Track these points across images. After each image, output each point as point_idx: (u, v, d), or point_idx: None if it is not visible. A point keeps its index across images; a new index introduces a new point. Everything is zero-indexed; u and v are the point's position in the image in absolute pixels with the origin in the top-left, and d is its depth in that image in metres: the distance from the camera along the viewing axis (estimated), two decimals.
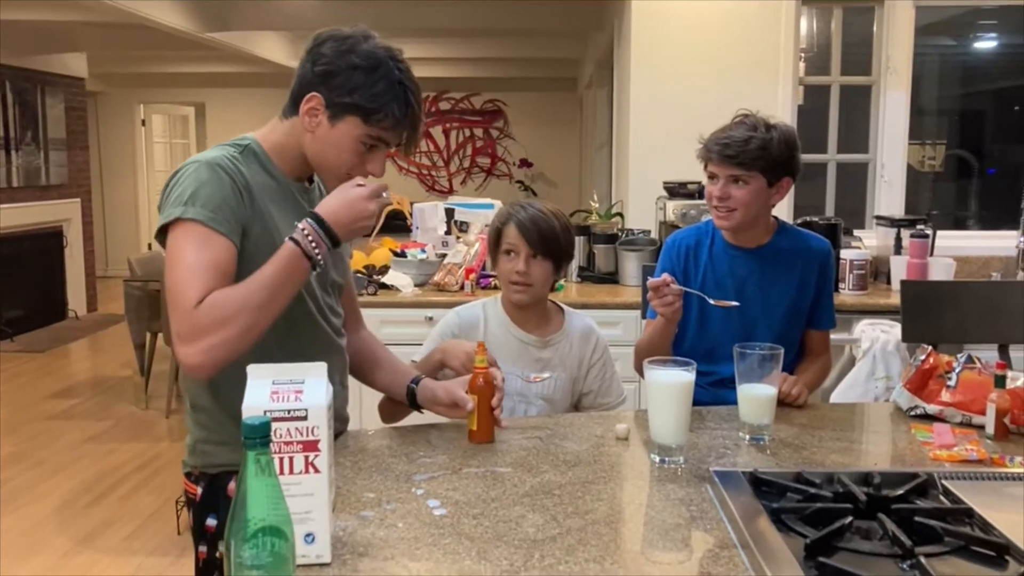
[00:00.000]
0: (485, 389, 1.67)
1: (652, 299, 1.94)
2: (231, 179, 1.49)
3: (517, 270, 2.00)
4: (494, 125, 11.37)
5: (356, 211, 1.45)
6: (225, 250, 1.45)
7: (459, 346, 1.88)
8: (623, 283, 3.74)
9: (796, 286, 2.15)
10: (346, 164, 1.54)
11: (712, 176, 2.10)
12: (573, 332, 2.11)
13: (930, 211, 4.26)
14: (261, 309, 1.42)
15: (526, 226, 2.01)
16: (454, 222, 3.88)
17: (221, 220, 1.45)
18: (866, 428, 1.79)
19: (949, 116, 6.97)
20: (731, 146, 2.03)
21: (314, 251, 1.43)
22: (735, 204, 2.06)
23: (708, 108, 3.95)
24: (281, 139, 1.59)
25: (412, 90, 1.53)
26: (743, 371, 1.71)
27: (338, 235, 1.45)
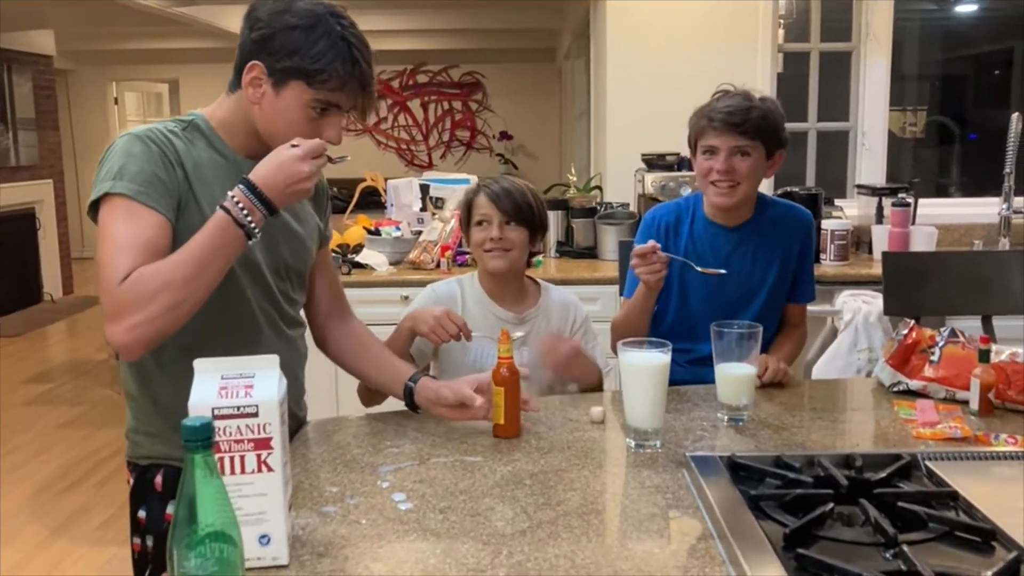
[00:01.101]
0: (510, 379, 1.58)
1: (638, 266, 1.89)
2: (160, 151, 1.41)
3: (491, 236, 1.95)
4: (473, 98, 11.23)
5: (289, 173, 1.35)
6: (155, 225, 1.38)
7: (427, 311, 1.82)
8: (602, 258, 3.68)
9: (779, 261, 2.10)
10: (297, 134, 1.42)
11: (710, 150, 2.01)
12: (551, 306, 2.06)
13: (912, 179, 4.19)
14: (187, 284, 1.32)
15: (497, 194, 1.97)
16: (429, 198, 3.80)
17: (151, 194, 1.38)
18: (848, 406, 1.74)
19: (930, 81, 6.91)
20: (736, 114, 1.95)
21: (246, 219, 1.34)
22: (740, 178, 1.99)
23: (687, 77, 3.90)
24: (228, 115, 1.51)
25: (357, 46, 1.43)
26: (721, 350, 1.66)
27: (273, 200, 1.36)
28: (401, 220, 3.76)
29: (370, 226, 3.72)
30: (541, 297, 2.07)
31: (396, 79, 11.12)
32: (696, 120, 2.03)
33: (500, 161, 11.00)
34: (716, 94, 2.04)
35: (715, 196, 2.04)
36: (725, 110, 1.96)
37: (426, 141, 11.31)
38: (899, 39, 4.30)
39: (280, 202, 1.37)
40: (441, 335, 1.79)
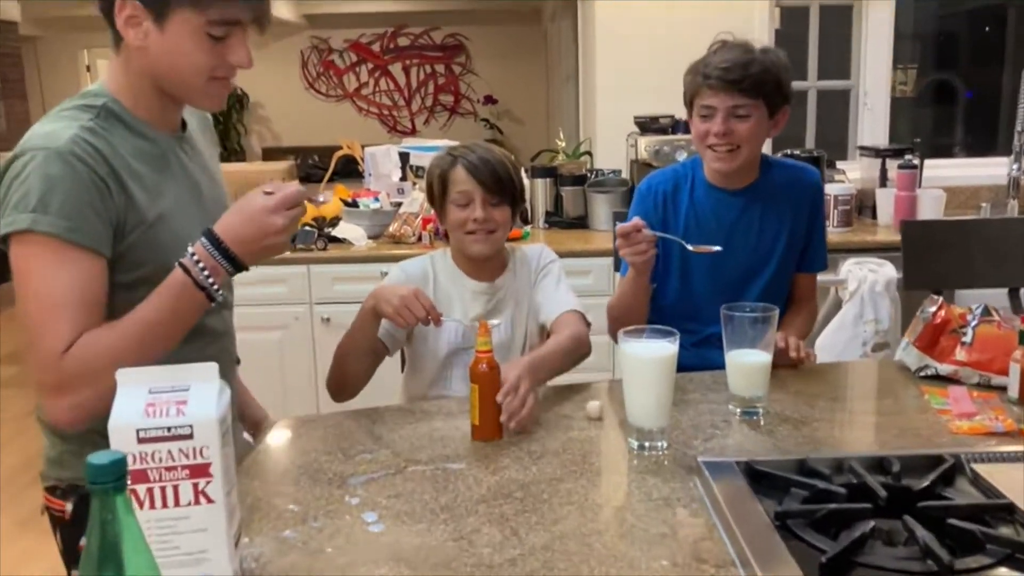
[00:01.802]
0: (488, 375, 1.41)
1: (622, 247, 1.69)
2: (89, 171, 1.18)
3: (475, 218, 1.76)
4: (456, 61, 10.92)
5: (259, 227, 1.19)
6: (90, 270, 1.19)
7: (392, 290, 1.62)
8: (593, 228, 3.49)
9: (789, 227, 1.92)
10: (202, 69, 1.24)
11: (706, 110, 1.82)
12: (519, 262, 1.90)
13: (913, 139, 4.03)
14: (141, 356, 1.16)
15: (477, 167, 1.76)
16: (409, 167, 3.60)
17: (83, 230, 1.17)
18: (871, 394, 1.57)
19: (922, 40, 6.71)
20: (733, 69, 1.75)
21: (207, 280, 1.19)
22: (739, 140, 1.80)
23: (681, 35, 3.66)
24: (125, 79, 1.29)
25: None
26: (732, 336, 1.48)
27: (241, 257, 1.20)
28: (380, 191, 3.56)
29: (348, 197, 3.51)
30: (510, 260, 1.90)
31: (376, 42, 10.81)
32: (691, 77, 1.84)
33: (485, 126, 10.75)
34: (713, 46, 1.85)
35: (713, 161, 1.85)
36: (721, 65, 1.76)
37: (408, 106, 11.02)
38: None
39: (250, 259, 1.21)
40: (407, 317, 1.58)
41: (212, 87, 1.27)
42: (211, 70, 1.25)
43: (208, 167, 1.44)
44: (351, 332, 1.70)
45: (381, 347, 1.76)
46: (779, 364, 1.62)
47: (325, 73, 10.85)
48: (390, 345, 1.79)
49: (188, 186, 1.35)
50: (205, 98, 1.29)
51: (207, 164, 1.45)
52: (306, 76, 10.84)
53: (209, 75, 1.25)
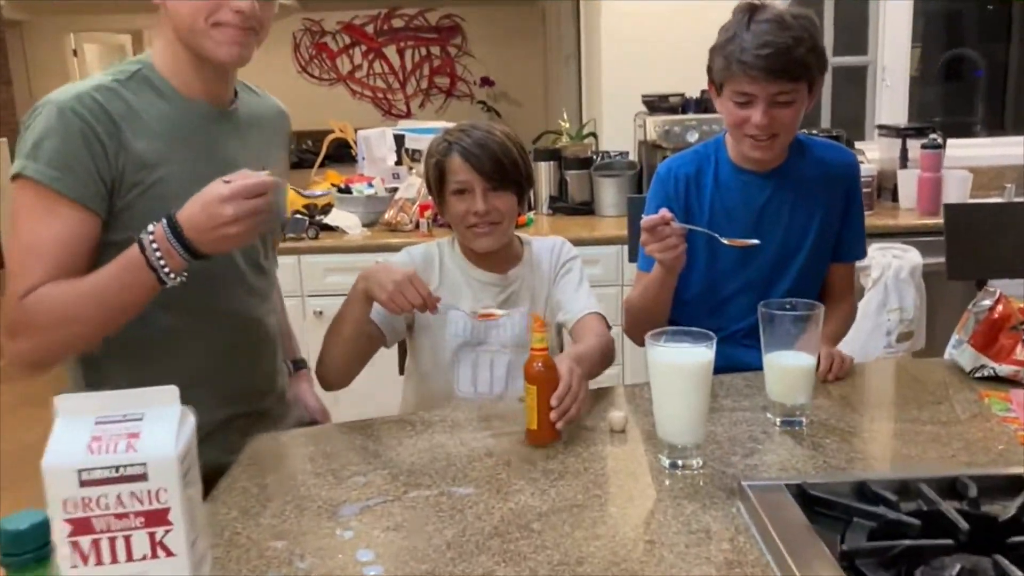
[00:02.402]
0: (547, 375, 1.26)
1: (648, 242, 1.50)
2: (84, 125, 1.22)
3: (475, 211, 1.59)
4: (451, 42, 10.69)
5: (210, 214, 1.15)
6: (75, 225, 1.23)
7: (385, 271, 1.43)
8: (600, 214, 3.32)
9: (822, 212, 1.75)
10: (201, 10, 1.26)
11: (744, 97, 1.60)
12: (535, 254, 1.73)
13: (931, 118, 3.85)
14: (88, 322, 1.22)
15: (475, 154, 1.58)
16: (405, 151, 3.42)
17: (69, 182, 1.21)
18: (924, 398, 1.41)
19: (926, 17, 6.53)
20: (775, 56, 1.53)
21: (159, 263, 1.17)
22: (780, 128, 1.62)
23: (689, 8, 3.51)
24: (162, 47, 1.33)
25: None
26: (771, 337, 1.32)
27: (196, 244, 1.17)
28: (374, 176, 3.38)
29: (340, 183, 3.33)
30: (525, 252, 1.73)
31: (370, 24, 10.58)
32: (723, 62, 1.61)
33: (483, 109, 10.53)
34: (739, 13, 1.61)
35: (751, 150, 1.67)
36: (762, 53, 1.53)
37: (403, 89, 10.80)
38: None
39: (206, 247, 1.18)
40: (401, 303, 1.40)
41: (217, 33, 1.27)
42: (210, 10, 1.25)
43: (258, 153, 1.42)
44: (339, 315, 1.53)
45: (377, 333, 1.59)
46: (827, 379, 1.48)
47: (318, 56, 10.63)
48: (388, 334, 1.62)
49: (212, 158, 1.32)
50: (213, 44, 1.28)
51: (258, 149, 1.43)
52: (298, 59, 10.62)
53: (208, 15, 1.25)
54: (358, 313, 1.49)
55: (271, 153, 1.50)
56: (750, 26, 1.57)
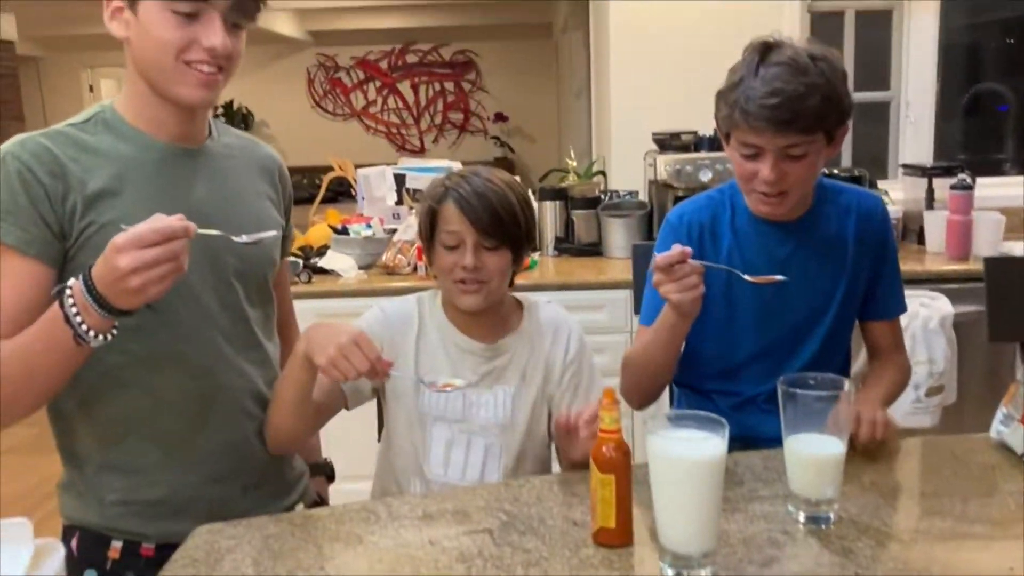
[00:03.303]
0: (621, 462, 1.08)
1: (663, 283, 1.34)
2: (23, 168, 1.15)
3: (463, 265, 1.42)
4: (466, 78, 10.65)
5: (107, 267, 1.05)
6: (18, 274, 1.15)
7: (330, 332, 1.25)
8: (608, 256, 3.15)
9: (852, 266, 1.57)
10: (168, 45, 1.18)
11: (751, 149, 1.44)
12: (536, 328, 1.53)
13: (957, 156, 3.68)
14: (16, 383, 1.13)
15: (470, 204, 1.40)
16: (406, 190, 3.27)
17: (10, 231, 1.15)
18: (969, 487, 1.22)
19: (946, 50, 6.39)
20: (785, 106, 1.36)
21: (76, 319, 1.08)
22: (790, 184, 1.45)
23: (701, 44, 3.35)
24: (127, 87, 1.27)
25: None
26: (793, 418, 1.14)
27: (107, 298, 1.07)
28: (373, 216, 3.23)
29: (337, 223, 3.19)
30: (524, 320, 1.54)
31: (384, 59, 10.57)
32: (727, 110, 1.44)
33: (496, 144, 10.47)
34: (749, 53, 1.45)
35: (759, 205, 1.51)
36: (768, 102, 1.36)
37: (417, 124, 10.76)
38: None
39: (117, 302, 1.07)
40: (344, 369, 1.22)
41: (186, 73, 1.20)
42: (179, 48, 1.19)
43: (231, 195, 1.34)
44: (282, 375, 1.35)
45: (336, 394, 1.42)
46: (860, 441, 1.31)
47: (332, 91, 10.62)
48: (350, 395, 1.45)
49: (175, 199, 1.24)
50: (179, 84, 1.21)
51: (231, 192, 1.35)
52: (312, 94, 10.61)
53: (176, 54, 1.19)
54: (300, 377, 1.31)
55: (249, 197, 1.38)
56: (759, 70, 1.40)
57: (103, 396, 1.24)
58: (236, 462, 1.34)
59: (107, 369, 1.22)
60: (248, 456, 1.36)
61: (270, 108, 10.01)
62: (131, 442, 1.26)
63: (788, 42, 1.45)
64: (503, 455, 1.47)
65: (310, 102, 10.60)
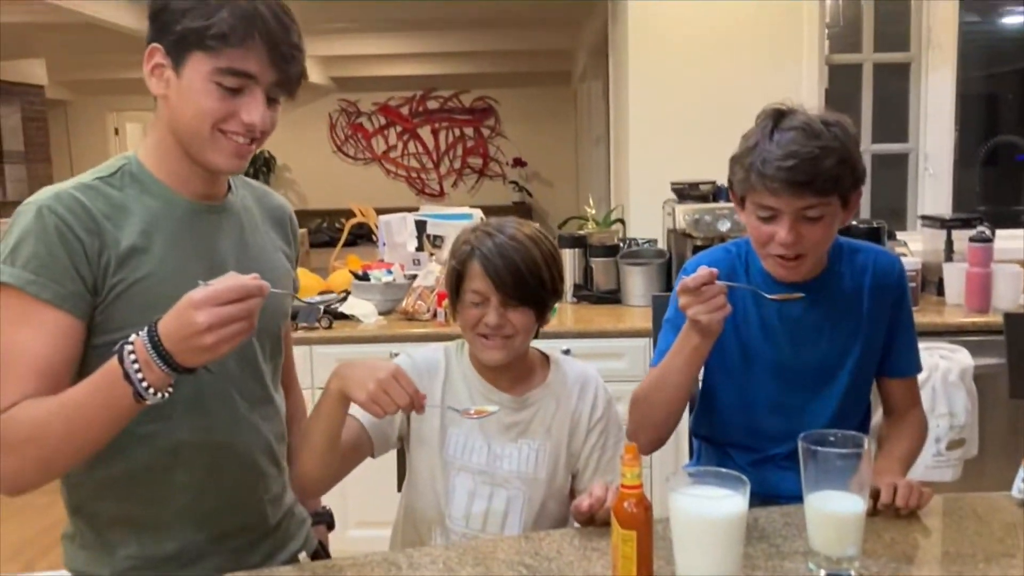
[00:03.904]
0: (645, 517, 1.08)
1: (690, 304, 1.36)
2: (61, 223, 1.15)
3: (486, 322, 1.43)
4: (485, 124, 10.79)
5: (181, 323, 1.04)
6: (50, 328, 1.13)
7: (365, 369, 1.26)
8: (627, 303, 3.17)
9: (868, 326, 1.58)
10: (206, 114, 1.17)
11: (767, 211, 1.46)
12: (562, 383, 1.54)
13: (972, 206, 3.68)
14: (61, 442, 1.10)
15: (494, 265, 1.41)
16: (426, 236, 3.31)
17: (46, 285, 1.13)
18: (992, 548, 1.21)
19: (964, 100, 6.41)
20: (800, 168, 1.39)
21: (137, 375, 1.05)
22: (807, 247, 1.47)
23: (720, 95, 3.40)
24: (153, 139, 1.25)
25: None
26: (814, 475, 1.14)
27: (174, 356, 1.05)
28: (394, 262, 3.27)
29: (359, 269, 3.23)
30: (551, 373, 1.55)
31: (405, 105, 10.74)
32: (743, 173, 1.46)
33: (514, 189, 10.57)
34: (763, 120, 1.47)
35: (777, 268, 1.53)
36: (784, 164, 1.39)
37: (437, 169, 10.89)
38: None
39: (184, 359, 1.06)
40: (384, 404, 1.23)
41: (220, 141, 1.20)
42: (217, 119, 1.18)
43: (253, 250, 1.35)
44: (312, 417, 1.35)
45: (364, 441, 1.43)
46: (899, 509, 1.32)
47: (353, 136, 10.79)
48: (377, 442, 1.45)
49: (201, 256, 1.26)
50: (212, 151, 1.21)
51: (252, 246, 1.35)
52: (334, 139, 10.78)
53: (214, 123, 1.18)
54: (332, 416, 1.31)
55: (267, 252, 1.39)
56: (774, 135, 1.43)
57: (119, 450, 1.22)
58: (247, 516, 1.34)
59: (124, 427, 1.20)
60: (258, 510, 1.36)
61: (292, 152, 10.16)
62: (144, 496, 1.25)
63: (800, 109, 1.48)
64: (525, 508, 1.47)
65: (331, 146, 10.76)
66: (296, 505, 1.49)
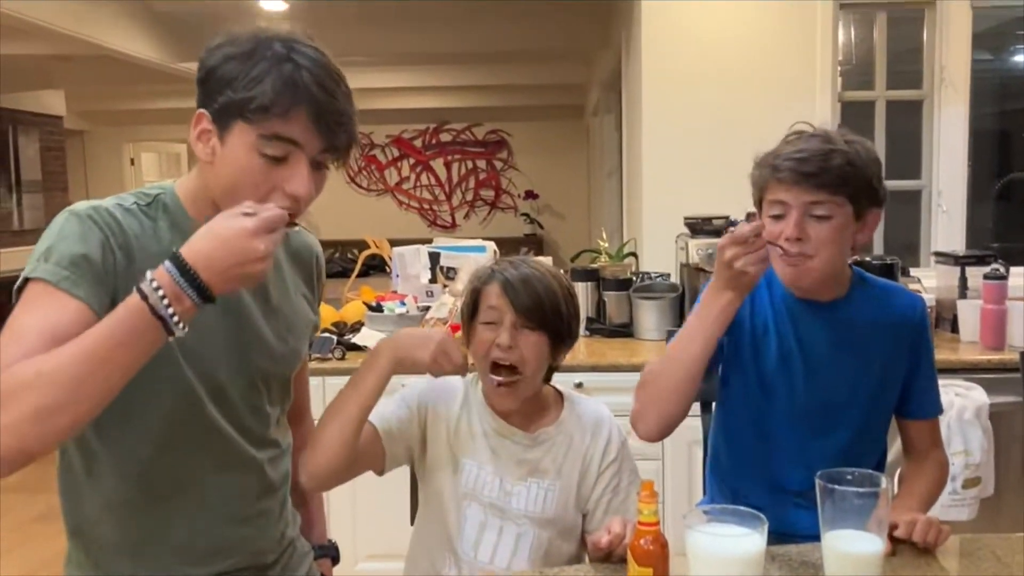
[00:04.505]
0: (661, 554, 1.09)
1: (739, 256, 1.38)
2: (102, 233, 1.14)
3: (498, 342, 1.44)
4: (497, 156, 10.86)
5: (238, 250, 1.04)
6: (71, 311, 1.09)
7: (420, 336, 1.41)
8: (639, 337, 3.16)
9: (882, 360, 1.59)
10: (253, 187, 1.14)
11: (779, 207, 1.50)
12: (575, 422, 1.53)
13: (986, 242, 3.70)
14: (77, 385, 1.01)
15: (513, 285, 1.45)
16: (440, 268, 3.33)
17: (75, 279, 1.11)
18: None
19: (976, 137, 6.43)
20: (809, 160, 1.44)
21: (166, 309, 1.03)
22: (814, 247, 1.48)
23: (733, 130, 3.42)
24: (195, 184, 1.25)
25: (306, 66, 1.14)
26: (831, 514, 1.14)
27: (210, 284, 1.04)
28: (407, 294, 3.28)
29: (372, 300, 3.24)
30: (564, 410, 1.55)
31: (419, 138, 10.83)
32: (759, 170, 1.53)
33: (526, 221, 10.61)
34: (789, 136, 1.54)
35: (785, 267, 1.53)
36: (796, 156, 1.46)
37: (449, 201, 10.95)
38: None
39: (221, 287, 1.06)
40: (445, 364, 1.36)
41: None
42: (262, 193, 1.15)
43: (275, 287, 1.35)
44: (345, 393, 1.37)
45: (377, 448, 1.44)
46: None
47: (367, 167, 10.87)
48: (389, 451, 1.45)
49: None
50: None
51: (275, 284, 1.35)
52: (347, 170, 10.82)
53: (258, 199, 1.14)
54: (373, 390, 1.35)
55: (288, 296, 1.39)
56: (793, 141, 1.51)
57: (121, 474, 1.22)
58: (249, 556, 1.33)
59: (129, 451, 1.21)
60: (257, 548, 1.35)
61: None
62: (142, 525, 1.25)
63: (824, 128, 1.53)
64: (535, 544, 1.47)
65: (345, 177, 10.83)
66: (298, 540, 1.47)
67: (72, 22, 4.95)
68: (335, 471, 1.39)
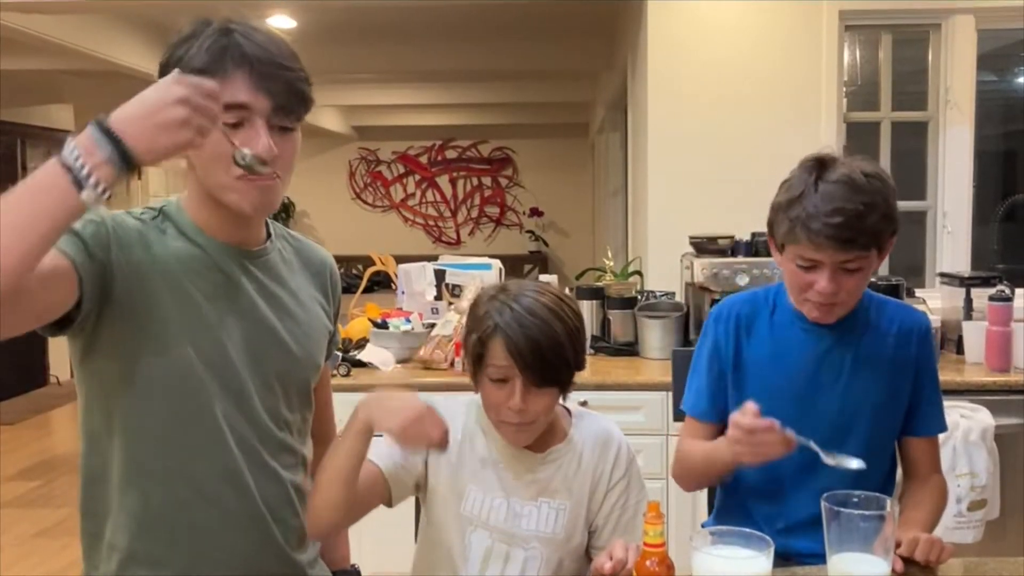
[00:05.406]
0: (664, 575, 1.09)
1: (739, 440, 1.38)
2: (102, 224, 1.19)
3: (510, 406, 1.40)
4: (503, 173, 10.90)
5: (150, 101, 1.02)
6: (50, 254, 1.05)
7: (395, 401, 1.28)
8: (644, 356, 3.16)
9: (889, 375, 1.59)
10: (221, 158, 1.18)
11: (809, 262, 1.49)
12: (584, 440, 1.52)
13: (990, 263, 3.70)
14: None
15: (519, 345, 1.37)
16: (445, 285, 3.34)
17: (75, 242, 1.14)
18: None
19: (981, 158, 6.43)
20: (846, 224, 1.41)
21: (75, 161, 0.99)
22: (845, 296, 1.51)
23: (739, 150, 3.43)
24: (190, 189, 1.29)
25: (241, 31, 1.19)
26: (837, 536, 1.14)
27: (123, 136, 1.00)
28: (413, 310, 3.29)
29: (377, 317, 3.25)
30: (573, 429, 1.54)
31: (424, 154, 10.87)
32: (788, 224, 1.48)
33: (530, 238, 10.62)
34: (805, 169, 1.49)
35: (813, 312, 1.55)
36: (832, 221, 1.42)
37: (454, 217, 10.97)
38: None
39: (139, 141, 1.01)
40: (418, 440, 1.25)
41: (239, 183, 1.21)
42: (227, 156, 1.18)
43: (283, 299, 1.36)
44: (334, 451, 1.33)
45: (380, 486, 1.41)
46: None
47: (372, 184, 10.90)
48: (394, 487, 1.43)
49: (227, 297, 1.29)
50: (232, 193, 1.23)
51: (284, 295, 1.36)
52: (353, 186, 10.89)
53: (228, 167, 1.19)
54: (354, 449, 1.30)
55: (301, 302, 1.39)
56: (818, 186, 1.45)
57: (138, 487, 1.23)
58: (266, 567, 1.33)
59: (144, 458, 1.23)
60: (277, 561, 1.34)
61: (311, 199, 10.27)
62: (162, 536, 1.25)
63: (840, 158, 1.50)
64: (542, 567, 1.46)
65: (350, 193, 10.87)
66: (317, 563, 1.46)
67: (82, 38, 5.01)
68: (335, 524, 1.40)
